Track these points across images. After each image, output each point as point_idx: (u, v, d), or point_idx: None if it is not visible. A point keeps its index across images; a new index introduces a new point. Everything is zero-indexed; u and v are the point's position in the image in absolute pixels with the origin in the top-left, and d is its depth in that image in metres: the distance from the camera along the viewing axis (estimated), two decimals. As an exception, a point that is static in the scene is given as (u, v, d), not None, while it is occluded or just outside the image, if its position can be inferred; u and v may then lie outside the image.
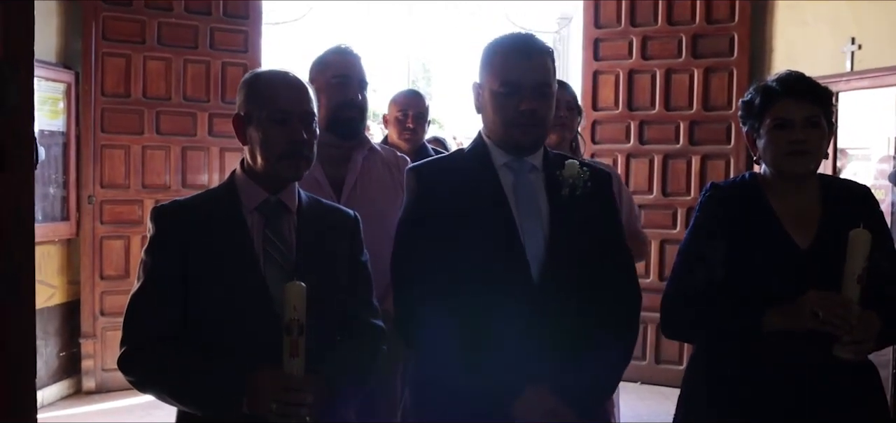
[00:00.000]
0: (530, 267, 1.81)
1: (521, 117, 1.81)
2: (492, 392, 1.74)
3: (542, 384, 1.75)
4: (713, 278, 1.95)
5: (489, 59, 1.88)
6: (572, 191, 1.86)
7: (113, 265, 5.11)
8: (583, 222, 1.85)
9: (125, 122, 5.11)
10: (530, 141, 1.86)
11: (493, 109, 1.85)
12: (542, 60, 1.84)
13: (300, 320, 1.64)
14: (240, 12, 5.37)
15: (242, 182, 1.83)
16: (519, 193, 1.87)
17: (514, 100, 1.81)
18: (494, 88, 1.84)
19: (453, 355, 1.78)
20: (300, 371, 1.65)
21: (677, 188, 5.36)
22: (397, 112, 3.56)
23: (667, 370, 5.15)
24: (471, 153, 1.94)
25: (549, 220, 1.85)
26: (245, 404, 1.63)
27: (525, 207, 1.86)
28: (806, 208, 1.97)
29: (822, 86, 1.98)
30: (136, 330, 1.74)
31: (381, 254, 2.42)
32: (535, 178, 1.90)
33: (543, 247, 1.83)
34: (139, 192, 5.17)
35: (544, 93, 1.83)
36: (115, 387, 4.95)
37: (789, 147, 1.91)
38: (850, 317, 1.76)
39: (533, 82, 1.81)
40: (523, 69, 1.81)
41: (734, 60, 5.19)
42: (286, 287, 1.65)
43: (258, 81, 1.83)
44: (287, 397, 1.62)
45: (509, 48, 1.85)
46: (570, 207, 1.86)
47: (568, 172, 1.87)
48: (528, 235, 1.83)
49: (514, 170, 1.89)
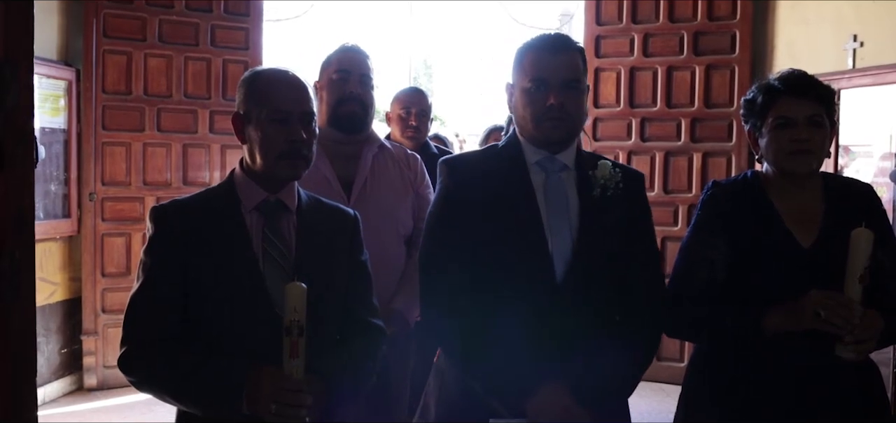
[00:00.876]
0: (554, 266, 1.82)
1: (550, 112, 1.83)
2: (507, 390, 1.76)
3: (558, 383, 1.76)
4: (715, 278, 1.95)
5: (520, 58, 1.91)
6: (603, 191, 1.87)
7: (114, 262, 5.12)
8: (612, 223, 1.86)
9: (126, 119, 5.12)
10: (559, 135, 1.87)
11: (523, 105, 1.88)
12: (571, 57, 1.87)
13: (300, 321, 1.63)
14: (241, 10, 5.37)
15: (242, 182, 1.82)
16: (549, 191, 1.88)
17: (542, 95, 1.84)
18: (524, 85, 1.87)
19: (474, 351, 1.80)
20: (300, 372, 1.65)
21: (679, 186, 5.36)
22: (400, 110, 3.56)
23: (668, 368, 5.15)
24: (504, 150, 1.96)
25: (578, 219, 1.86)
26: (245, 404, 1.63)
27: (554, 206, 1.87)
28: (808, 207, 1.96)
29: (824, 84, 1.97)
30: (136, 330, 1.74)
31: (390, 252, 2.42)
32: (567, 177, 1.91)
33: (570, 246, 1.84)
34: (140, 189, 5.18)
35: (572, 88, 1.85)
36: (117, 384, 4.96)
37: (791, 146, 1.90)
38: (853, 317, 1.76)
39: (561, 78, 1.84)
40: (552, 66, 1.84)
41: (736, 58, 5.19)
42: (286, 288, 1.65)
43: (258, 79, 1.83)
44: (287, 398, 1.61)
45: (539, 46, 1.88)
46: (601, 207, 1.87)
47: (600, 173, 1.88)
48: (555, 233, 1.84)
49: (545, 168, 1.90)
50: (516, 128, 1.96)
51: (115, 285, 5.06)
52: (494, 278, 1.82)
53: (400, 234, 2.51)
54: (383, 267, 2.00)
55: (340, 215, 1.95)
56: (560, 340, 1.79)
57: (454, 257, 1.84)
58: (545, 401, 1.74)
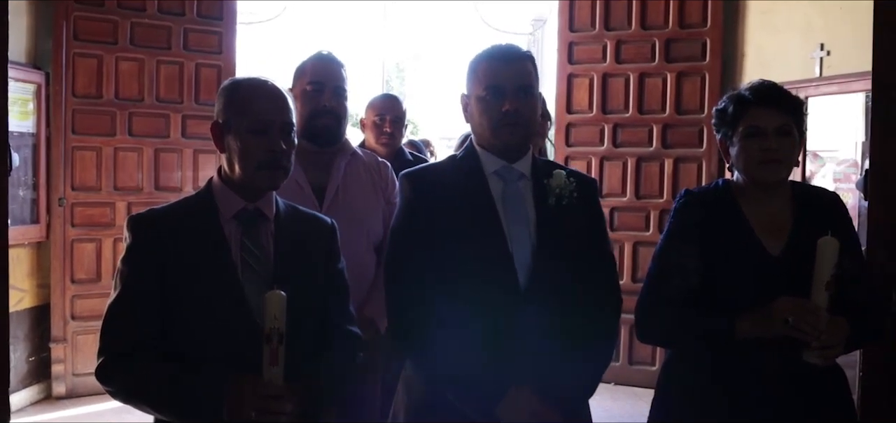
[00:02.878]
0: (517, 273, 1.88)
1: (506, 117, 1.90)
2: (477, 394, 1.81)
3: (526, 386, 1.82)
4: (687, 284, 1.98)
5: (473, 68, 1.97)
6: (559, 200, 1.93)
7: (84, 269, 5.04)
8: (568, 231, 1.92)
9: (97, 123, 5.06)
10: (516, 140, 1.93)
11: (480, 114, 1.94)
12: (523, 64, 1.94)
13: (280, 329, 1.64)
14: (214, 13, 5.33)
15: (220, 190, 1.82)
16: (507, 200, 1.94)
17: (498, 102, 1.90)
18: (479, 93, 1.93)
19: (441, 357, 1.84)
20: (280, 380, 1.65)
21: (650, 191, 5.42)
22: (375, 116, 3.56)
23: (640, 372, 5.21)
24: (462, 160, 2.01)
25: (535, 227, 1.92)
26: (226, 413, 1.62)
27: (513, 215, 1.92)
28: (778, 216, 2.00)
29: (793, 95, 2.01)
30: (114, 340, 1.72)
31: (362, 260, 2.43)
32: (524, 186, 1.96)
33: (530, 254, 1.89)
34: (111, 194, 5.12)
35: (526, 93, 1.92)
36: (86, 392, 4.89)
37: (761, 156, 1.94)
38: (820, 323, 1.80)
39: (514, 84, 1.90)
40: (505, 73, 1.91)
41: (706, 65, 5.26)
42: (266, 296, 1.65)
43: (238, 89, 1.82)
44: (267, 405, 1.62)
45: (492, 56, 1.95)
46: (557, 215, 1.93)
47: (555, 182, 1.94)
48: (515, 241, 1.90)
49: (503, 178, 1.95)
50: (473, 138, 2.02)
51: (86, 291, 4.99)
52: (459, 286, 1.86)
53: (371, 241, 2.52)
54: (354, 274, 2.02)
55: (318, 224, 1.95)
56: (525, 344, 1.85)
57: (419, 266, 1.89)
58: (514, 404, 1.80)
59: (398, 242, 1.96)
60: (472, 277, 1.86)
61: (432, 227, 1.89)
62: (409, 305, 1.90)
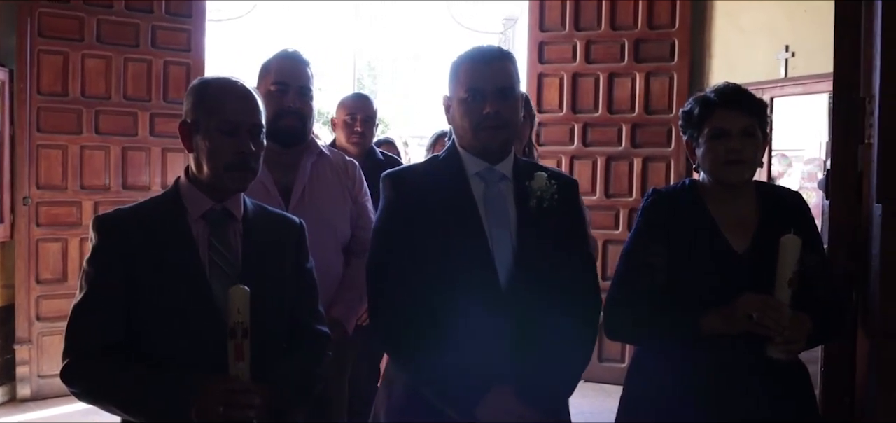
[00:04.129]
0: (498, 274, 1.89)
1: (487, 120, 1.90)
2: (458, 394, 1.82)
3: (506, 386, 1.83)
4: (655, 282, 2.01)
5: (455, 70, 1.97)
6: (540, 202, 1.94)
7: (49, 269, 4.97)
8: (549, 232, 1.93)
9: (62, 121, 4.98)
10: (498, 142, 1.94)
11: (461, 116, 1.94)
12: (504, 66, 1.94)
13: (245, 323, 1.63)
14: (182, 11, 5.27)
15: (187, 190, 1.81)
16: (489, 202, 1.94)
17: (479, 104, 1.90)
18: (461, 95, 1.94)
19: (423, 357, 1.85)
20: (246, 375, 1.65)
21: (620, 190, 5.47)
22: (346, 115, 3.55)
23: (609, 369, 5.26)
24: (444, 162, 2.01)
25: (516, 229, 1.93)
26: (193, 412, 1.61)
27: (494, 216, 1.93)
28: (743, 215, 2.04)
29: (757, 98, 2.05)
30: (79, 341, 1.70)
31: (330, 260, 2.42)
32: (505, 187, 1.97)
33: (511, 255, 1.90)
34: (77, 193, 5.04)
35: (507, 95, 1.92)
36: (52, 394, 4.82)
37: (727, 156, 1.98)
38: (782, 319, 1.84)
39: (496, 86, 1.91)
40: (486, 75, 1.91)
41: (675, 65, 5.32)
42: (230, 291, 1.65)
43: (207, 89, 1.81)
44: (234, 399, 1.61)
45: (473, 57, 1.95)
46: (538, 216, 1.94)
47: (536, 184, 1.95)
48: (497, 243, 1.90)
49: (485, 179, 1.96)
50: (455, 139, 2.02)
51: (51, 292, 4.91)
52: (441, 286, 1.86)
53: (338, 242, 2.50)
54: (321, 275, 2.01)
55: (286, 223, 1.95)
56: (506, 344, 1.86)
57: (401, 267, 1.89)
58: (494, 404, 1.81)
59: (380, 242, 1.96)
60: (454, 277, 1.87)
61: (414, 228, 1.89)
62: (391, 305, 1.90)
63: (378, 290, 1.94)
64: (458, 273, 1.87)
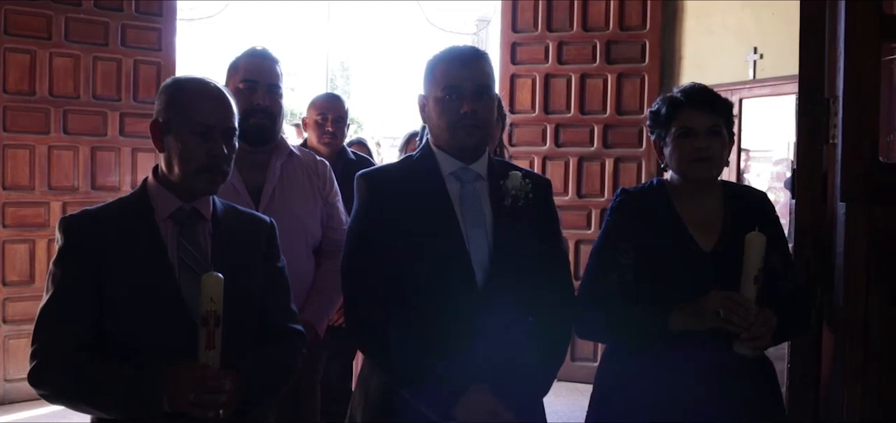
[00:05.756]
0: (475, 273, 1.89)
1: (464, 119, 1.90)
2: (435, 394, 1.82)
3: (484, 385, 1.84)
4: (624, 280, 2.03)
5: (431, 69, 1.97)
6: (514, 201, 1.94)
7: (17, 271, 4.88)
8: (524, 231, 1.94)
9: (29, 121, 4.89)
10: (474, 142, 1.94)
11: (437, 115, 1.94)
12: (480, 65, 1.95)
13: (217, 311, 1.62)
14: (153, 9, 5.22)
15: (155, 190, 1.79)
16: (464, 201, 1.95)
17: (456, 103, 1.91)
18: (437, 94, 1.94)
19: (399, 357, 1.85)
20: (216, 363, 1.63)
21: (592, 190, 5.51)
22: (317, 115, 3.54)
23: (582, 368, 5.29)
24: (419, 162, 2.01)
25: (492, 228, 1.93)
26: (166, 402, 1.60)
27: (470, 216, 1.94)
28: (710, 213, 2.07)
29: (722, 97, 2.09)
30: (47, 342, 1.68)
31: (301, 262, 2.40)
32: (480, 187, 1.98)
33: (487, 254, 1.91)
34: (45, 194, 4.97)
35: (483, 95, 1.93)
36: (20, 398, 4.74)
37: (694, 154, 2.01)
38: (748, 316, 1.87)
39: (472, 85, 1.91)
40: (463, 74, 1.92)
41: (646, 67, 5.37)
42: (203, 279, 1.63)
43: (181, 89, 1.79)
44: (204, 385, 1.60)
45: (450, 57, 1.95)
46: (513, 216, 1.94)
47: (511, 184, 1.95)
48: (472, 242, 1.91)
49: (460, 179, 1.96)
50: (430, 138, 2.02)
51: (18, 294, 4.83)
52: (418, 286, 1.87)
53: (309, 243, 2.48)
54: (292, 276, 1.99)
55: (256, 223, 1.94)
56: (483, 343, 1.86)
57: (377, 267, 1.89)
58: (471, 403, 1.82)
59: (355, 243, 1.96)
60: (430, 277, 1.87)
61: (390, 228, 1.89)
62: (367, 305, 1.90)
63: (354, 291, 1.94)
64: (434, 273, 1.87)
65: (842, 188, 1.99)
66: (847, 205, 1.98)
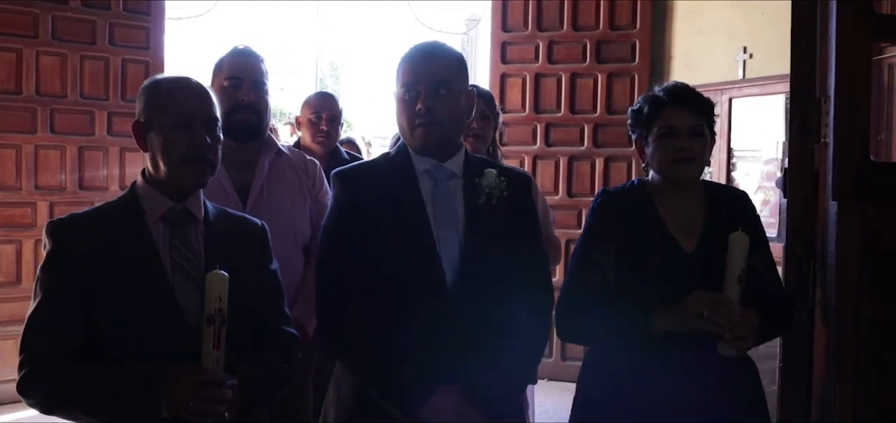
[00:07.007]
0: (445, 274, 1.86)
1: (418, 117, 1.87)
2: (401, 394, 1.80)
3: (452, 386, 1.82)
4: (606, 281, 2.02)
5: (398, 67, 1.94)
6: (488, 199, 1.91)
7: (3, 271, 4.83)
8: (498, 230, 1.90)
9: (16, 120, 4.84)
10: (431, 141, 1.90)
11: (399, 113, 1.93)
12: (442, 62, 1.91)
13: (223, 309, 1.61)
14: (141, 8, 5.18)
15: (144, 192, 1.77)
16: (437, 200, 1.92)
17: (412, 100, 1.88)
18: (399, 92, 1.92)
19: (368, 358, 1.83)
20: (221, 363, 1.62)
21: (582, 189, 5.51)
22: (310, 114, 3.53)
23: (572, 367, 5.27)
24: (394, 159, 1.99)
25: (464, 227, 1.90)
26: (164, 407, 1.57)
27: (442, 215, 1.90)
28: (691, 213, 2.07)
29: (704, 97, 2.09)
30: (36, 350, 1.64)
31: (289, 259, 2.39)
32: (454, 185, 1.94)
33: (458, 254, 1.88)
34: (32, 194, 4.92)
35: (441, 92, 1.88)
36: (6, 399, 4.68)
37: (675, 154, 2.00)
38: (732, 316, 1.86)
39: (429, 82, 1.87)
40: (420, 70, 1.89)
41: (636, 66, 5.38)
42: (208, 277, 1.63)
43: (158, 87, 1.79)
44: (205, 392, 1.58)
45: (411, 54, 1.93)
46: (487, 214, 1.91)
47: (485, 181, 1.92)
48: (443, 242, 1.88)
49: (433, 176, 1.93)
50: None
51: (5, 295, 4.77)
52: (388, 285, 1.85)
53: (298, 241, 2.48)
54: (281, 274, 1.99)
55: (248, 226, 1.93)
56: (452, 344, 1.83)
57: (349, 266, 1.87)
58: (439, 404, 1.80)
59: (329, 240, 1.94)
60: (400, 277, 1.85)
61: (362, 226, 1.87)
62: (338, 304, 1.88)
63: (325, 289, 1.93)
64: (403, 272, 1.85)
65: (833, 187, 1.99)
66: (839, 204, 1.98)
